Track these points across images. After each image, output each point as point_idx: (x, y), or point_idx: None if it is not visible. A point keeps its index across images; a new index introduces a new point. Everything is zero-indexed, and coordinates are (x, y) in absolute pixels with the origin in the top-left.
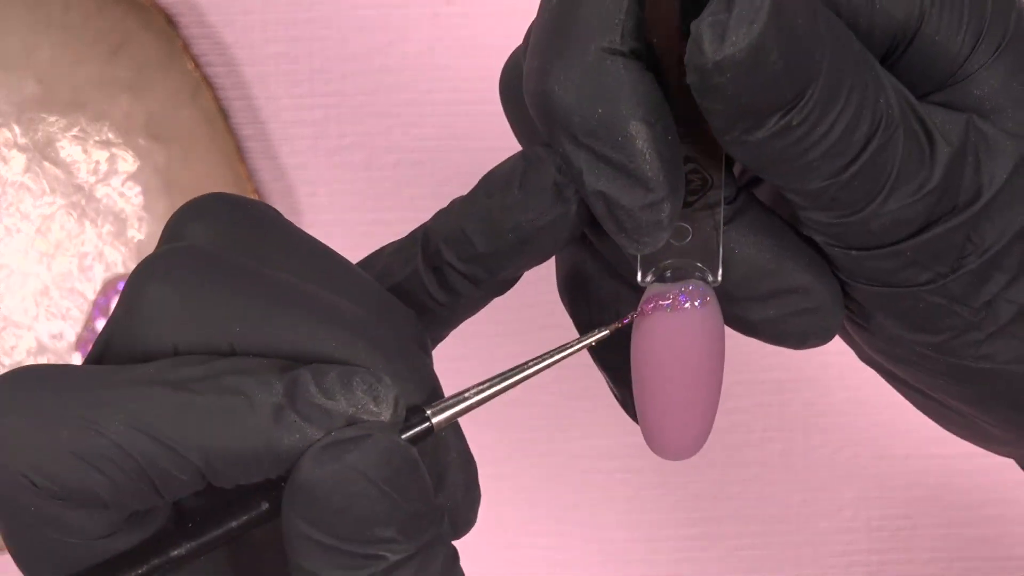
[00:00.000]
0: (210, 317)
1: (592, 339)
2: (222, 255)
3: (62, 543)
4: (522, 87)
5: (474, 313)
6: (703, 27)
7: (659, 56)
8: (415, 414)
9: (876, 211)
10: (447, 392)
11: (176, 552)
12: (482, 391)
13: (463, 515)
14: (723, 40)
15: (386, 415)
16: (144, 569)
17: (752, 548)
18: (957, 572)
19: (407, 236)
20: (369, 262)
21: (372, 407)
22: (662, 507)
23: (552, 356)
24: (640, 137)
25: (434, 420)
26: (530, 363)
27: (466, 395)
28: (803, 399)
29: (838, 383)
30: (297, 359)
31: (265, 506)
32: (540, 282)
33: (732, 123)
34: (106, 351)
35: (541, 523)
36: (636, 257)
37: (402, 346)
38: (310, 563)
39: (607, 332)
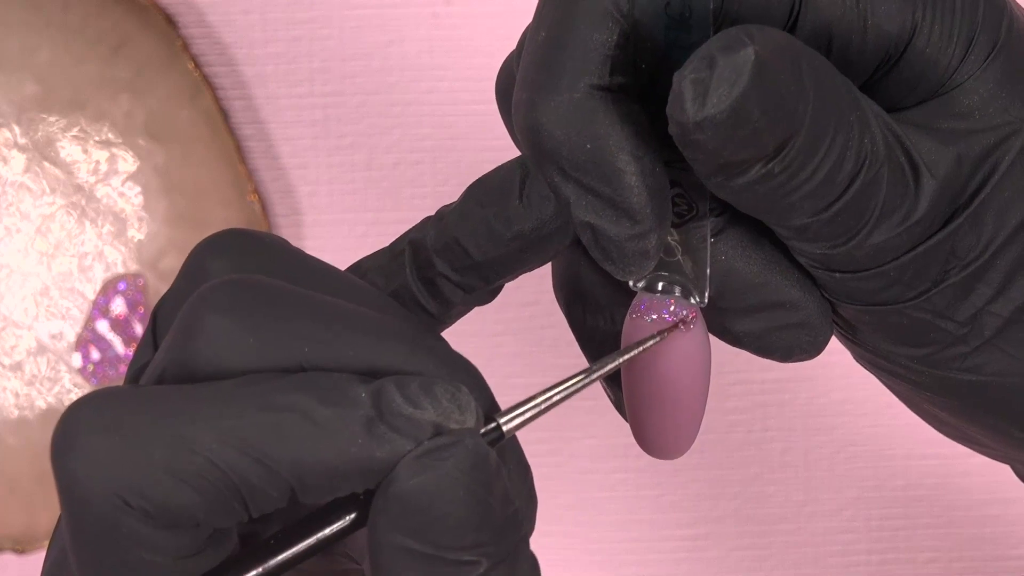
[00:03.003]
0: (277, 341)
1: (652, 343)
2: (273, 281)
3: (149, 563)
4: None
5: (453, 324)
6: (685, 85)
7: (650, 80)
8: (486, 422)
9: (861, 243)
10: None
11: (261, 568)
12: (550, 399)
13: (528, 521)
14: (704, 100)
15: (470, 422)
16: None
17: (752, 548)
18: (957, 572)
19: (385, 250)
20: None
21: (457, 415)
22: (662, 507)
23: (613, 360)
24: (628, 171)
25: (504, 428)
26: (594, 368)
27: (533, 403)
28: (803, 399)
29: (838, 383)
30: (369, 374)
31: (351, 517)
32: (540, 282)
33: (713, 172)
34: (163, 381)
35: (541, 523)
36: None
37: (457, 357)
38: (405, 573)
39: (666, 333)
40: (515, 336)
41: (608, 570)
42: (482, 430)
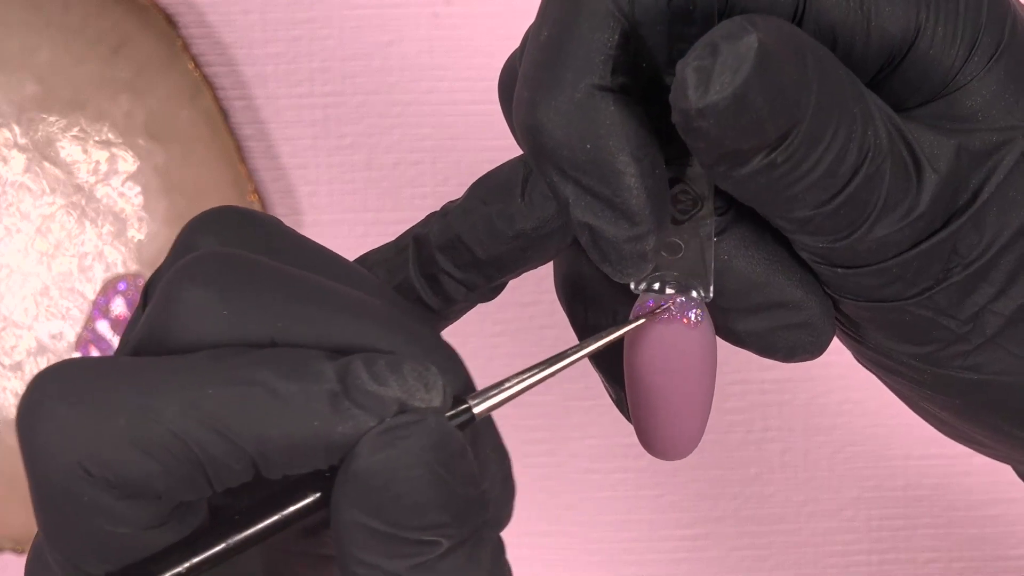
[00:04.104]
0: (250, 314)
1: (631, 326)
2: (254, 256)
3: (111, 533)
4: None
5: (456, 320)
6: (688, 72)
7: (652, 78)
8: (456, 403)
9: (863, 237)
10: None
11: (224, 544)
12: (521, 380)
13: (501, 509)
14: (707, 87)
15: (437, 401)
16: (196, 561)
17: (752, 548)
18: (957, 572)
19: (391, 245)
20: None
21: (423, 393)
22: (661, 507)
23: (590, 344)
24: (627, 173)
25: (475, 410)
26: (568, 352)
27: (505, 385)
28: (803, 399)
29: (838, 383)
30: (340, 352)
31: (316, 495)
32: (540, 281)
33: (716, 161)
34: (139, 351)
35: (541, 523)
36: None
37: (436, 338)
38: (366, 553)
39: (642, 320)
40: (515, 336)
41: (608, 570)
42: (450, 411)
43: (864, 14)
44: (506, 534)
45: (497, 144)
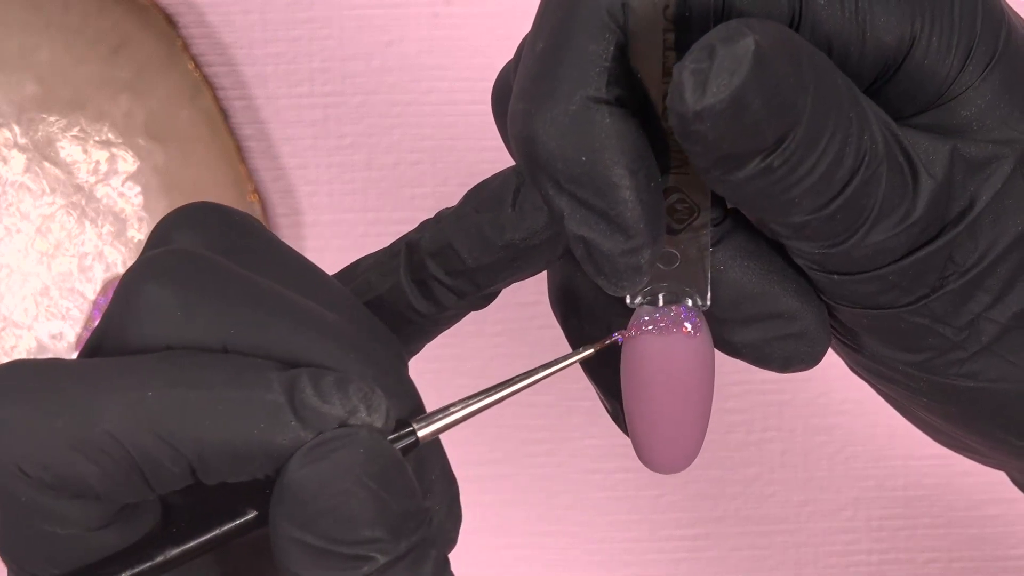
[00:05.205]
0: (205, 317)
1: (579, 356)
2: (217, 259)
3: (53, 535)
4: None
5: (451, 326)
6: (684, 75)
7: (646, 87)
8: (401, 427)
9: (859, 242)
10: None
11: (162, 557)
12: (467, 406)
13: (446, 533)
14: (704, 90)
15: (378, 422)
16: (130, 573)
17: (752, 548)
18: (957, 572)
19: (385, 250)
20: (347, 275)
21: (364, 414)
22: (661, 507)
23: (539, 372)
24: (622, 185)
25: (420, 434)
26: (516, 378)
27: (451, 410)
28: (803, 399)
29: (838, 383)
30: (291, 364)
31: (253, 514)
32: (541, 282)
33: (713, 165)
34: (99, 348)
35: (540, 523)
36: None
37: (392, 362)
38: (299, 567)
39: (592, 351)
40: (515, 336)
41: (608, 570)
42: (393, 433)
43: (860, 24)
44: (507, 534)
45: (497, 144)
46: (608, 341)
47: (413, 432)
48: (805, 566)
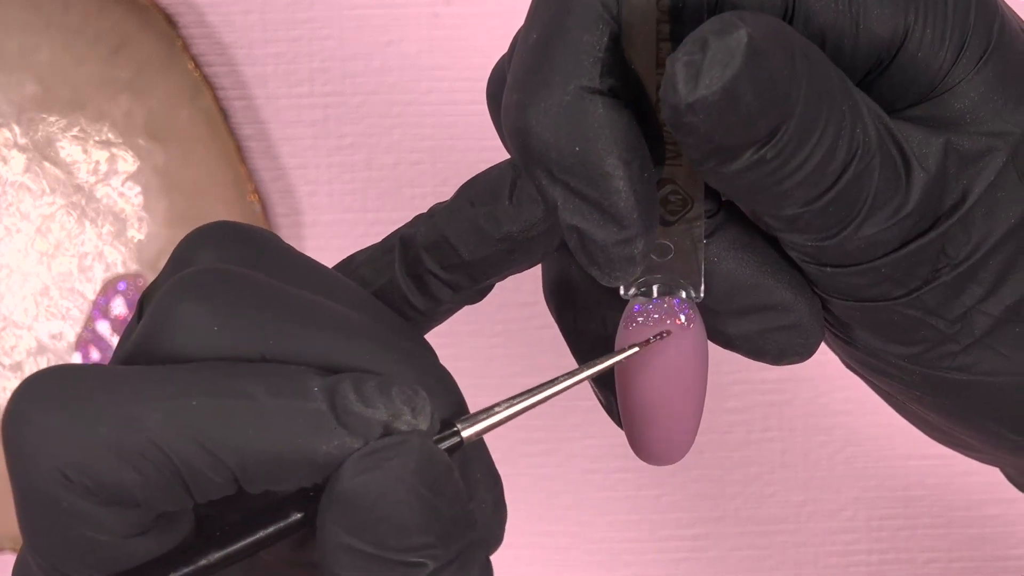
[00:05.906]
0: (242, 330)
1: (624, 355)
2: (248, 273)
3: (91, 540)
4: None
5: (442, 322)
6: (677, 67)
7: (640, 79)
8: (445, 427)
9: (852, 235)
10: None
11: (205, 560)
12: (511, 405)
13: (492, 531)
14: (696, 82)
15: (423, 425)
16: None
17: (752, 548)
18: (957, 572)
19: (378, 245)
20: (340, 271)
21: (409, 417)
22: (662, 507)
23: (584, 371)
24: (616, 175)
25: (464, 434)
26: (559, 379)
27: (495, 410)
28: (803, 399)
29: (838, 383)
30: (331, 371)
31: (298, 516)
32: (539, 281)
33: (706, 156)
34: (130, 363)
35: (541, 523)
36: None
37: (430, 360)
38: (351, 574)
39: (636, 349)
40: (514, 336)
41: (608, 570)
42: (437, 434)
43: (853, 16)
44: (508, 534)
45: (497, 144)
46: (655, 338)
47: (457, 433)
48: (805, 566)
